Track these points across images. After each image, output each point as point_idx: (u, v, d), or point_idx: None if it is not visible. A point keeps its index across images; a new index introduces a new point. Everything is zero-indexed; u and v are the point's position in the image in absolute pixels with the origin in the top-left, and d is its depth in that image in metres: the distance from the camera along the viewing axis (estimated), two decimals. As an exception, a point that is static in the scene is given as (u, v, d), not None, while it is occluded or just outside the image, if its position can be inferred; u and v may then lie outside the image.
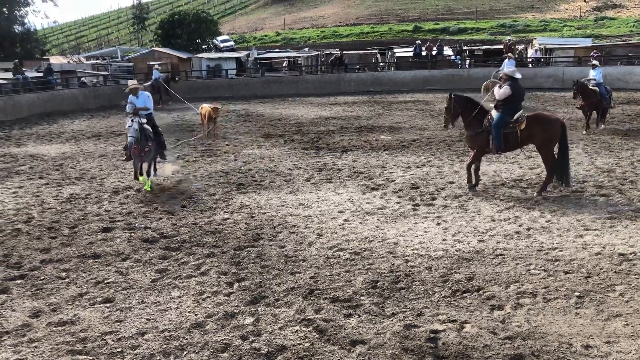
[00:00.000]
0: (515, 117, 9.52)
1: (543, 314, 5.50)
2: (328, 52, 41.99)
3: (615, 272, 6.40)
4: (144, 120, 10.93)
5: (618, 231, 7.74)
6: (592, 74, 16.58)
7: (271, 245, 7.66)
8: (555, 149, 9.56)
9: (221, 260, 7.16)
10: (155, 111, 12.73)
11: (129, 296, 6.18)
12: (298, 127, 18.68)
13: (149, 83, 26.36)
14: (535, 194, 9.63)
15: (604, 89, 16.08)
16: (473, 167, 10.14)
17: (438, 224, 8.39)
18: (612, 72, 26.47)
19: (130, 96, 11.17)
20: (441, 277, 6.44)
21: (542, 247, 7.27)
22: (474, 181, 10.11)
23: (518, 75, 9.73)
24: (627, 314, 5.43)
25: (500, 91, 9.61)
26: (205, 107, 17.16)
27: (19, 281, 6.64)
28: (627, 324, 5.23)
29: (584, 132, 15.56)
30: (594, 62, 17.59)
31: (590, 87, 15.94)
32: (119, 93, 29.10)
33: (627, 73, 27.70)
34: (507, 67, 17.79)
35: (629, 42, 40.22)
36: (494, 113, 9.70)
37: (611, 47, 36.29)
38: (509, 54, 24.53)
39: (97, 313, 5.79)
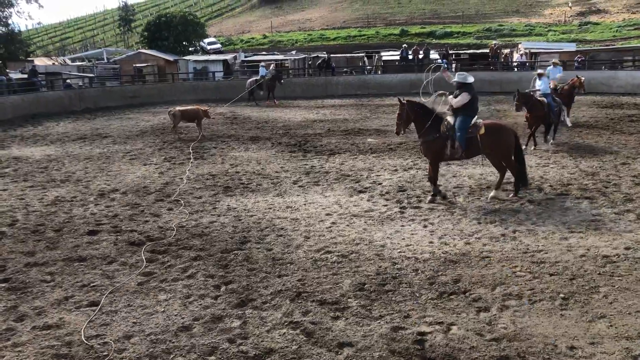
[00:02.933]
0: (472, 122, 9.46)
1: (529, 315, 5.55)
2: (315, 55, 42.06)
3: (599, 274, 6.47)
4: None
5: (602, 233, 7.83)
6: (538, 83, 15.10)
7: (258, 248, 7.65)
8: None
9: (208, 263, 7.14)
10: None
11: (115, 299, 6.14)
12: (285, 130, 18.67)
13: (254, 79, 27.10)
14: (491, 193, 9.77)
15: (551, 100, 14.36)
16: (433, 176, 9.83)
17: (425, 226, 8.43)
18: (595, 77, 26.76)
19: None
20: (428, 279, 6.47)
21: (528, 249, 7.33)
22: (439, 190, 9.91)
23: (471, 79, 9.77)
24: (611, 315, 5.50)
25: (458, 99, 9.52)
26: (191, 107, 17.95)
27: (2, 285, 6.57)
28: (611, 325, 5.30)
29: (531, 147, 13.91)
30: (540, 70, 16.07)
31: (538, 98, 14.29)
32: (105, 95, 29.04)
33: (611, 77, 27.98)
34: (553, 75, 16.97)
35: (613, 47, 40.75)
36: (450, 119, 9.59)
37: (595, 52, 36.72)
38: (555, 61, 20.03)
39: (83, 317, 5.75)
